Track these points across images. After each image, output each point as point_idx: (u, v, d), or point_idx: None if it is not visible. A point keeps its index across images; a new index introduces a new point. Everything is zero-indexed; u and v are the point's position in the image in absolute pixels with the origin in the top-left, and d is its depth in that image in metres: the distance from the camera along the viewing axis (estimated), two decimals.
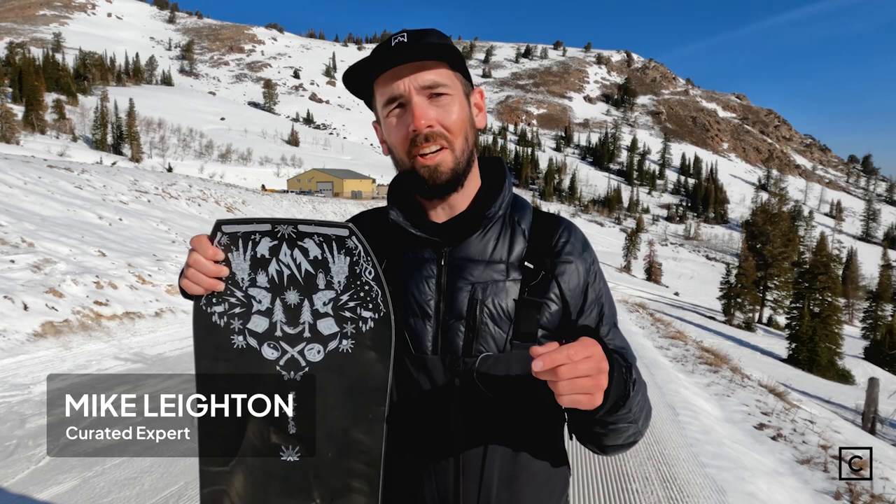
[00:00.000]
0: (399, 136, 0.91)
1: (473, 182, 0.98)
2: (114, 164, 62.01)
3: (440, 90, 0.90)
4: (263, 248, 0.83)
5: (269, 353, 0.86)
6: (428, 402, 0.90)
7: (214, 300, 0.85)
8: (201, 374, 0.88)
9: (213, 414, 0.88)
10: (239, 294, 0.85)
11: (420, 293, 0.92)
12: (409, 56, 0.87)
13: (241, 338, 0.86)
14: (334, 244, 0.82)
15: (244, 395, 0.87)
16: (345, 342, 0.84)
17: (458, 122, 0.91)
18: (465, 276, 0.92)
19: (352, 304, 0.83)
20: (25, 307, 5.73)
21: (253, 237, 0.83)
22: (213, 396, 0.88)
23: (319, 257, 0.82)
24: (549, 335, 0.94)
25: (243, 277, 0.84)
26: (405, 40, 0.88)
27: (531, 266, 0.94)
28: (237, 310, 0.85)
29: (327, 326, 0.84)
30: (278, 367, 0.86)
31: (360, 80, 0.93)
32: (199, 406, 0.89)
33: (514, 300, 0.92)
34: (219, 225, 0.83)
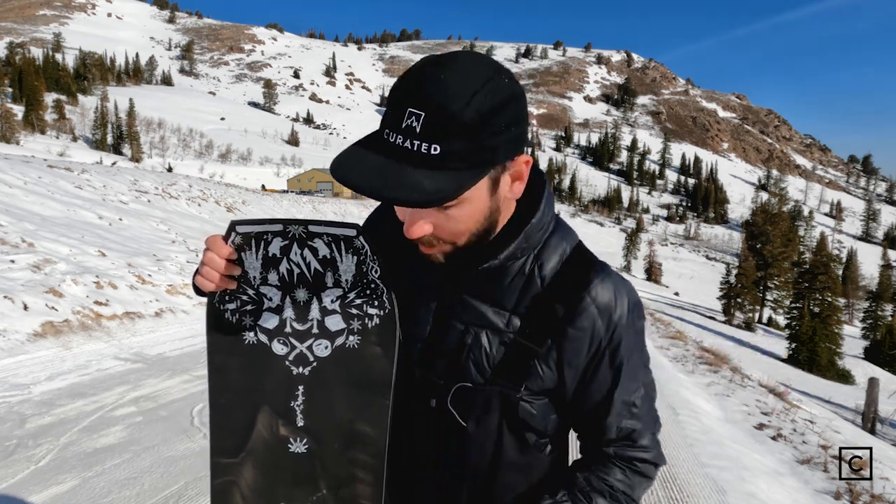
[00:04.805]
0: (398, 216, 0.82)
1: (503, 217, 0.85)
2: (114, 164, 62.06)
3: (448, 205, 0.74)
4: (275, 247, 0.86)
5: (278, 348, 0.88)
6: (405, 417, 0.90)
7: (227, 298, 0.88)
8: (214, 368, 0.90)
9: (224, 406, 0.91)
10: (251, 292, 0.88)
11: (416, 316, 0.90)
12: (411, 202, 0.69)
13: (252, 334, 0.88)
14: (342, 244, 0.85)
15: (255, 388, 0.90)
16: (351, 338, 0.87)
17: (463, 229, 0.77)
18: (462, 315, 0.87)
19: (358, 301, 0.86)
20: (25, 307, 5.74)
21: (265, 237, 0.86)
22: (225, 389, 0.91)
23: (328, 256, 0.85)
24: (532, 394, 0.86)
25: (255, 276, 0.87)
26: (417, 128, 0.68)
27: (533, 317, 0.84)
28: (249, 307, 0.88)
29: (335, 323, 0.87)
30: (287, 362, 0.88)
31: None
32: (211, 398, 0.92)
33: (505, 346, 0.85)
34: (233, 225, 0.86)
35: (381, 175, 0.68)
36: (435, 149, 0.67)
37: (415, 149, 0.68)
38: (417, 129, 0.67)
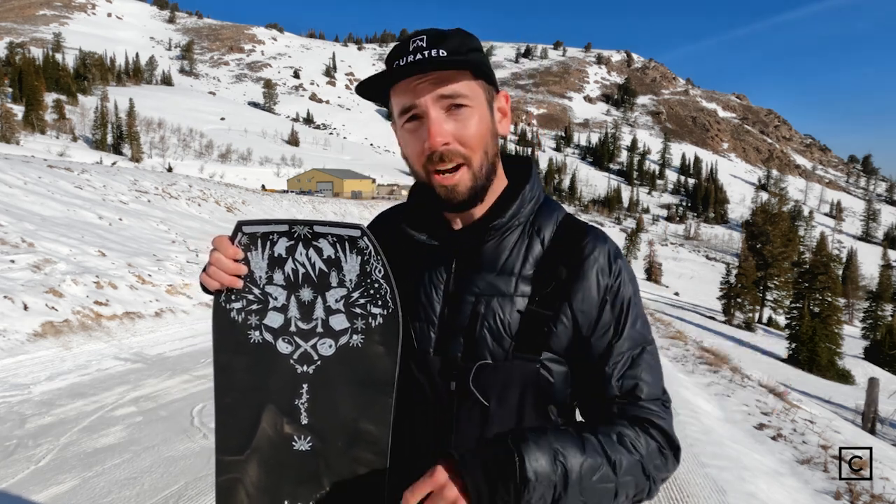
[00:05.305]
0: (415, 151, 0.88)
1: (496, 188, 0.95)
2: (114, 164, 62.01)
3: (459, 101, 0.86)
4: (281, 247, 0.87)
5: (283, 347, 0.90)
6: (426, 402, 0.91)
7: (233, 297, 0.90)
8: (220, 366, 0.92)
9: (229, 405, 0.92)
10: (256, 291, 0.89)
11: (427, 299, 0.93)
12: (427, 70, 0.84)
13: (257, 333, 0.90)
14: (347, 244, 0.86)
15: (260, 387, 0.91)
16: (355, 337, 0.88)
17: (476, 136, 0.88)
18: (472, 286, 0.91)
19: (362, 300, 0.88)
20: (25, 307, 5.74)
21: (271, 237, 0.87)
22: (230, 388, 0.92)
23: (333, 257, 0.87)
24: (557, 358, 0.90)
25: (261, 275, 0.89)
26: (423, 45, 0.85)
27: (541, 279, 0.90)
28: (254, 306, 0.90)
29: (339, 322, 0.88)
30: (292, 361, 0.90)
31: (375, 91, 0.91)
32: (218, 397, 0.93)
33: (519, 312, 0.89)
34: (240, 226, 0.88)
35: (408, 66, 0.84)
36: (442, 52, 0.84)
37: (427, 56, 0.84)
38: (424, 44, 0.85)
